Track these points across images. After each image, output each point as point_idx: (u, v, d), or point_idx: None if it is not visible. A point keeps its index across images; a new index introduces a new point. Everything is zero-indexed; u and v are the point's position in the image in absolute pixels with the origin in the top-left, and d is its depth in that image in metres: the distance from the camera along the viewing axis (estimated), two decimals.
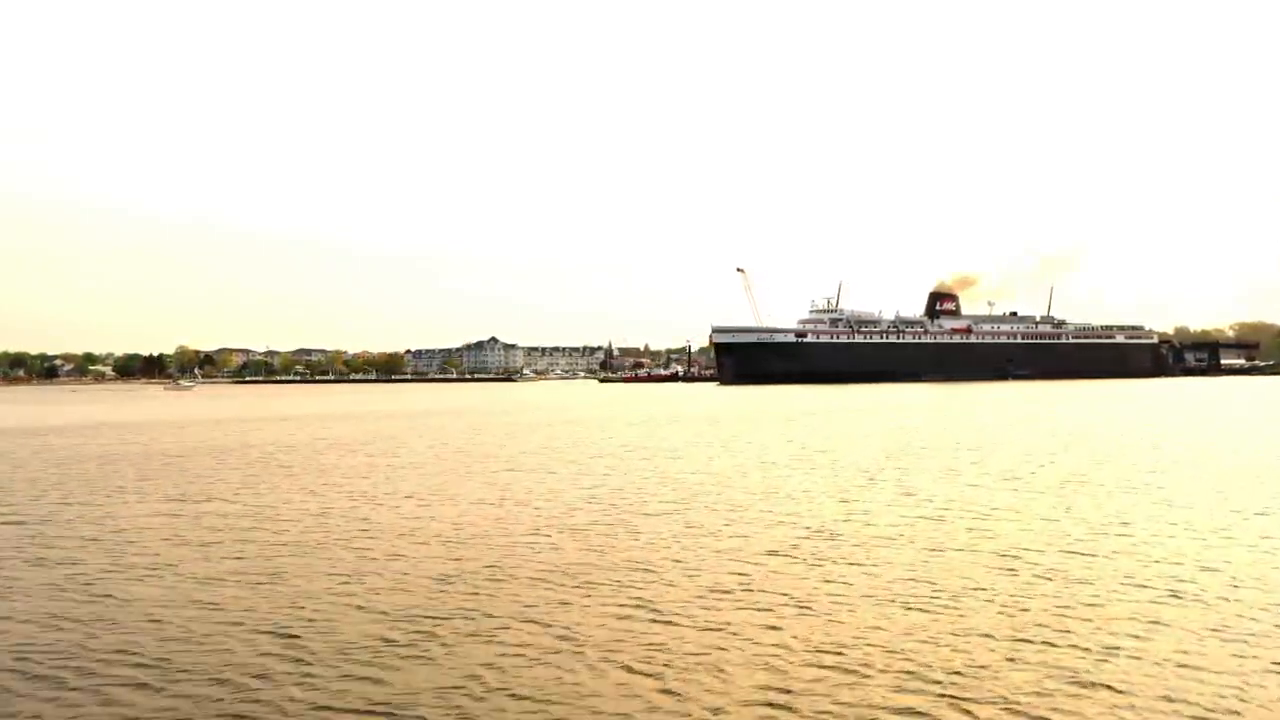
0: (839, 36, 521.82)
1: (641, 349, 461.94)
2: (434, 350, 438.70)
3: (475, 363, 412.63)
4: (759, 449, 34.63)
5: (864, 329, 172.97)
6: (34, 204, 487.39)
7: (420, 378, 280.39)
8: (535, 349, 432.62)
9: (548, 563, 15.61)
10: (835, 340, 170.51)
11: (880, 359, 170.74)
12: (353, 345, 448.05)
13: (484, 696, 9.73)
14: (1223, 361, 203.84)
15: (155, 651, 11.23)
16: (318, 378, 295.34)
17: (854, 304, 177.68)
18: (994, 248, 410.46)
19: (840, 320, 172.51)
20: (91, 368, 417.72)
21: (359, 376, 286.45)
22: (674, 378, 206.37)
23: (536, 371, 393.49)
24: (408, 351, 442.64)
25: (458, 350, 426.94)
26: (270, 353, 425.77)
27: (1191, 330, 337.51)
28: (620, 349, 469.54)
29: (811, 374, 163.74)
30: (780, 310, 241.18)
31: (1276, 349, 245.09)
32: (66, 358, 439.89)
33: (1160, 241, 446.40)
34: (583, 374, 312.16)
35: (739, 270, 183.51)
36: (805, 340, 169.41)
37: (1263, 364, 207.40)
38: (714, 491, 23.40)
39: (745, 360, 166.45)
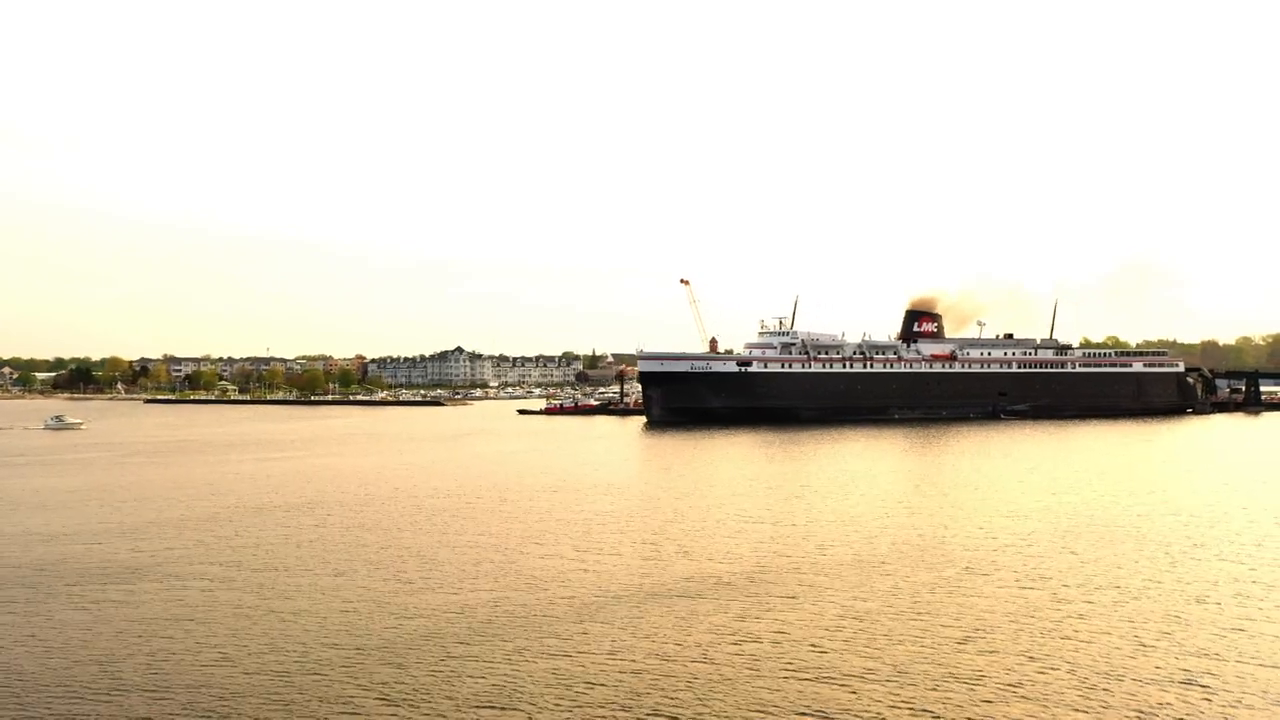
0: (815, 46, 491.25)
1: (637, 352, 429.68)
2: (398, 359, 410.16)
3: (440, 374, 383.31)
4: None
5: (823, 355, 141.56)
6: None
7: (342, 400, 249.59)
8: (505, 359, 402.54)
9: None
10: (788, 370, 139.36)
11: (842, 392, 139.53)
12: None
13: None
14: (1263, 389, 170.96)
15: None
16: (233, 398, 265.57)
17: (813, 325, 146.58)
18: (980, 263, 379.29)
19: (794, 345, 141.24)
20: (41, 376, 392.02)
21: (276, 398, 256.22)
22: (605, 408, 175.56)
23: (508, 385, 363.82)
24: (371, 360, 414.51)
25: (422, 361, 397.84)
26: (228, 360, 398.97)
27: (1220, 344, 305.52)
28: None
29: (758, 410, 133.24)
30: (737, 329, 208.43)
31: None
32: (32, 364, 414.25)
33: (1183, 249, 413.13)
34: (536, 392, 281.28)
35: (683, 282, 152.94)
36: (750, 370, 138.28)
37: None
38: None
39: (676, 394, 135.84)
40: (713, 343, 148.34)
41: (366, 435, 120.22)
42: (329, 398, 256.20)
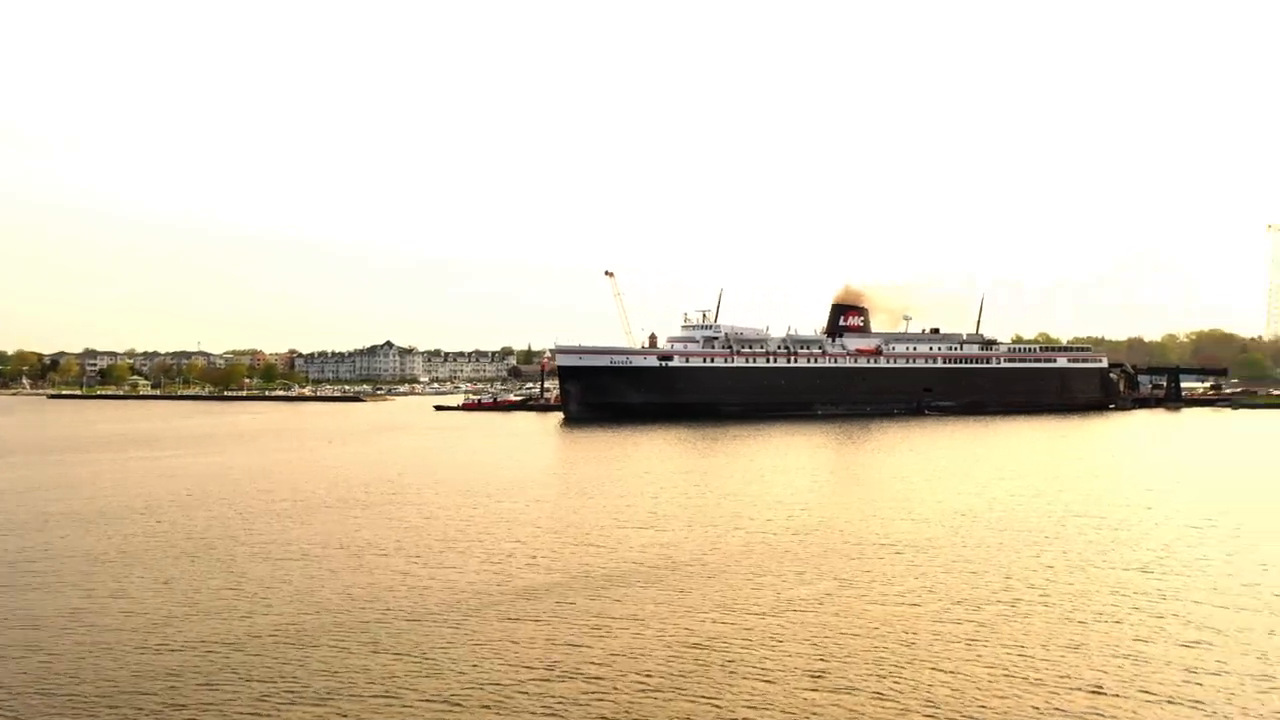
0: (744, 42, 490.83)
1: (554, 346, 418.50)
2: (327, 354, 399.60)
3: (368, 369, 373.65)
4: None
5: (746, 350, 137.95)
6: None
7: (258, 395, 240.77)
8: (437, 354, 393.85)
9: None
10: (710, 364, 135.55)
11: (766, 388, 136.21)
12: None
13: None
14: (1184, 385, 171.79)
15: None
16: (144, 394, 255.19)
17: (737, 319, 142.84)
18: (909, 259, 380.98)
19: (717, 339, 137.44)
20: None
21: (190, 394, 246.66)
22: (526, 404, 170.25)
23: (438, 380, 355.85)
24: (300, 355, 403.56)
25: (350, 356, 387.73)
26: (149, 354, 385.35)
27: (1146, 341, 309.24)
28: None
29: (680, 406, 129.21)
30: (665, 324, 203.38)
31: (1244, 372, 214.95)
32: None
33: (1112, 249, 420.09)
34: (464, 388, 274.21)
35: (607, 274, 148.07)
36: (672, 364, 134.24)
37: (1229, 392, 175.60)
38: None
39: (595, 389, 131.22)
40: (651, 339, 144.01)
41: (266, 432, 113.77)
42: (244, 393, 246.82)
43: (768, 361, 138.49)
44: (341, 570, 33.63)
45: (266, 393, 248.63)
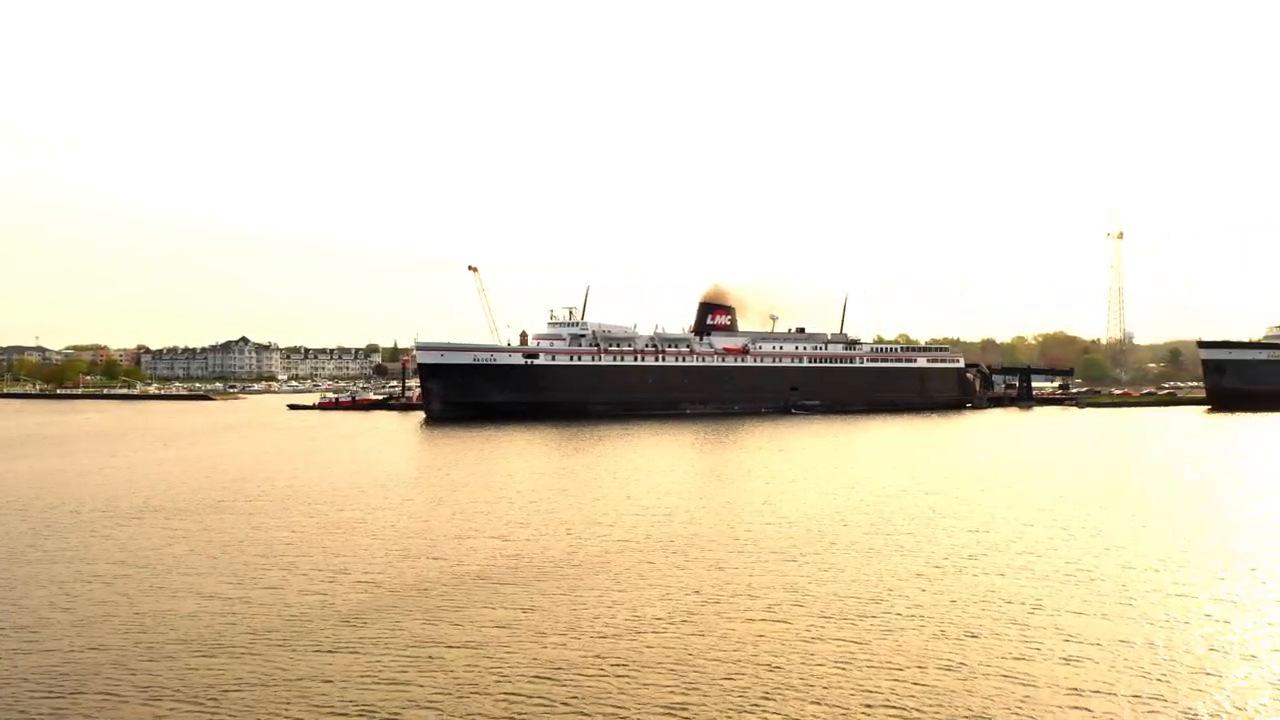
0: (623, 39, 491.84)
1: (415, 342, 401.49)
2: (178, 350, 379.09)
3: (222, 366, 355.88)
4: None
5: (614, 348, 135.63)
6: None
7: (95, 394, 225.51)
8: (297, 350, 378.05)
9: None
10: (577, 362, 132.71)
11: (633, 386, 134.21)
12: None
13: None
14: (1034, 384, 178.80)
15: None
16: None
17: (605, 317, 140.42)
18: (776, 258, 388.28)
19: (584, 337, 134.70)
20: None
21: (14, 391, 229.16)
22: (386, 402, 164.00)
23: (297, 378, 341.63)
24: (146, 351, 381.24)
25: (203, 352, 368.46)
26: None
27: (998, 342, 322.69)
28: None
29: (546, 405, 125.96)
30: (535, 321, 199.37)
31: (1087, 372, 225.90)
32: None
33: (969, 250, 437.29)
34: (324, 385, 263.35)
35: (471, 269, 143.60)
36: (538, 362, 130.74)
37: (1075, 391, 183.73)
38: None
39: (459, 388, 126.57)
40: (522, 336, 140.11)
41: (95, 434, 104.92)
42: (79, 391, 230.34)
43: (635, 360, 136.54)
44: (139, 593, 29.23)
45: (105, 391, 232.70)
